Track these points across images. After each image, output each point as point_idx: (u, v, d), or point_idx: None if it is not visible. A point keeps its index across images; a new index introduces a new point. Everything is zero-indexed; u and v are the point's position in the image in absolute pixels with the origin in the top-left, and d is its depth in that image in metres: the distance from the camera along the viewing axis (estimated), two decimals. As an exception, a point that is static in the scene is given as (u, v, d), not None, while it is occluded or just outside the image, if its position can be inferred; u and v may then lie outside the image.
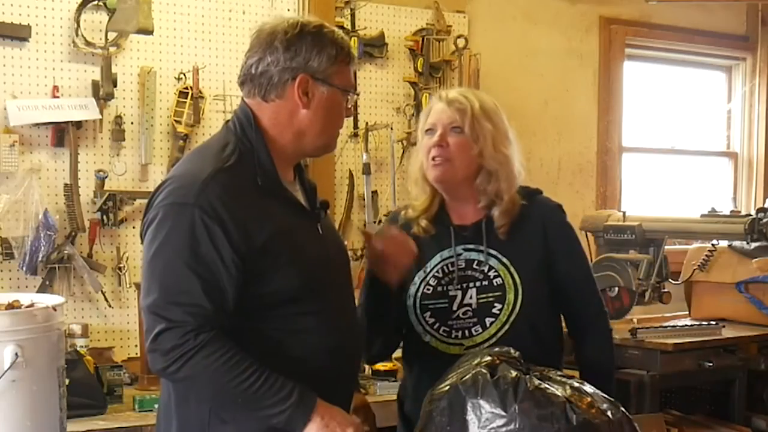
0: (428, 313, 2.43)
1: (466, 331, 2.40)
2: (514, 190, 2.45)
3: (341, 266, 2.21)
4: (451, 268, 2.44)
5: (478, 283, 2.41)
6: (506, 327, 2.38)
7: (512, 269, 2.41)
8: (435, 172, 2.42)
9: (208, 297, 1.92)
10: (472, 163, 2.42)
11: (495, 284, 2.40)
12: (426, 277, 2.45)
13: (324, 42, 2.07)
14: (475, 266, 2.43)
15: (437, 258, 2.46)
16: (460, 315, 2.41)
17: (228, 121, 2.16)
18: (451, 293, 2.42)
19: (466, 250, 2.45)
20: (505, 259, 2.42)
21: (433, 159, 2.41)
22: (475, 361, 2.07)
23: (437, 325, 2.42)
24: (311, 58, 2.06)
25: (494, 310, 2.39)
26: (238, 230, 1.95)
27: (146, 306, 1.95)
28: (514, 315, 2.38)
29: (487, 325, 2.38)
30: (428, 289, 2.44)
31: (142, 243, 2.05)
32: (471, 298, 2.40)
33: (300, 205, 2.13)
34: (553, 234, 2.47)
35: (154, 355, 1.94)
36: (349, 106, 2.16)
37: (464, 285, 2.42)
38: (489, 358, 2.07)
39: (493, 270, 2.41)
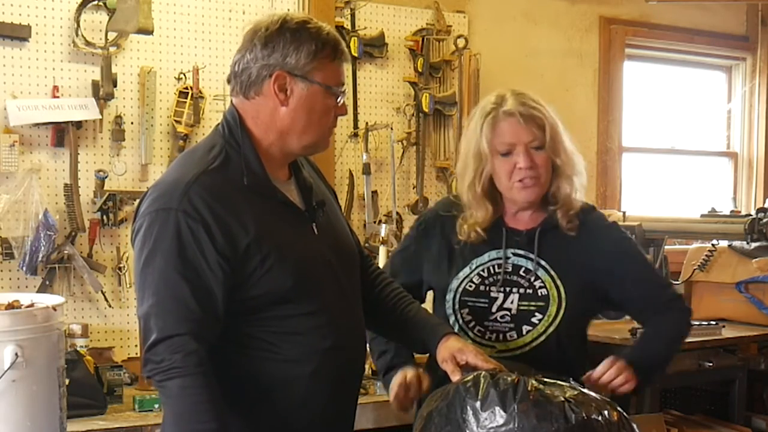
0: (466, 310, 2.39)
1: (501, 335, 2.36)
2: (583, 191, 2.42)
3: (343, 266, 2.14)
4: (497, 270, 2.40)
5: (521, 290, 2.37)
6: (542, 338, 2.35)
7: (559, 283, 2.37)
8: (526, 195, 2.35)
9: (197, 301, 1.91)
10: (550, 175, 2.38)
11: (540, 294, 2.36)
12: (470, 273, 2.41)
13: (303, 37, 2.02)
14: (522, 273, 2.39)
15: (485, 257, 2.41)
16: (498, 318, 2.37)
17: (219, 124, 2.13)
18: (492, 294, 2.38)
19: (515, 255, 2.40)
20: (553, 272, 2.38)
21: (522, 181, 2.34)
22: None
23: (473, 323, 2.38)
24: (288, 54, 2.01)
25: (533, 320, 2.36)
26: (222, 232, 1.93)
27: (141, 315, 1.97)
28: (552, 327, 2.34)
29: (523, 332, 2.35)
30: (470, 286, 2.40)
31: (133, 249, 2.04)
32: (512, 303, 2.37)
33: (292, 205, 2.09)
34: (609, 257, 2.41)
35: (147, 361, 1.95)
36: (339, 103, 2.09)
37: (507, 289, 2.38)
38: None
39: (540, 280, 2.37)
